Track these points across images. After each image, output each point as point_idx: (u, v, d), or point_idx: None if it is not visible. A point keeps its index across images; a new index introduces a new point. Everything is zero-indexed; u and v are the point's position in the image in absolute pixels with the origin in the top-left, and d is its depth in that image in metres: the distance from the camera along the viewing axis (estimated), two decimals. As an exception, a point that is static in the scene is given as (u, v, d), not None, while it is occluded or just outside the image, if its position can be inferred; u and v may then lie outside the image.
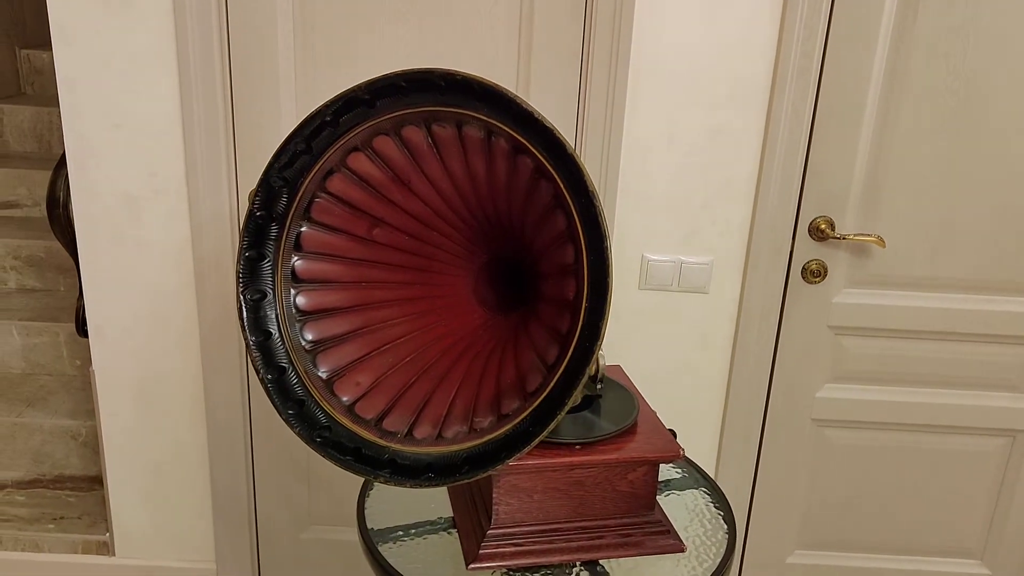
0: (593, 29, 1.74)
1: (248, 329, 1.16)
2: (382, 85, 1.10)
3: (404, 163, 1.17)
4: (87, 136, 1.82)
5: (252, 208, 1.15)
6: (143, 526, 2.14)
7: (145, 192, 1.86)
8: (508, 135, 1.07)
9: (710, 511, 1.41)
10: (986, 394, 2.02)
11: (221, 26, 1.75)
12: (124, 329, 1.97)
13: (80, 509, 2.31)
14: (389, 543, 1.30)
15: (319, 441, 1.13)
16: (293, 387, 1.15)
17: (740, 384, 1.99)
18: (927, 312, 1.94)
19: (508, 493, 1.25)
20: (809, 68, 1.75)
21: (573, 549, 1.27)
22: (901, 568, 2.18)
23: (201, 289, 1.92)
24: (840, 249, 1.90)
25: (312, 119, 1.13)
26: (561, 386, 1.03)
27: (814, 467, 2.09)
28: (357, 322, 1.23)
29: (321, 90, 1.81)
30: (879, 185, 1.85)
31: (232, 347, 1.97)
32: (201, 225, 1.87)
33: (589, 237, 1.01)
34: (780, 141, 1.80)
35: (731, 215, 1.88)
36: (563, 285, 1.09)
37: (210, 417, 2.02)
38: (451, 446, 1.10)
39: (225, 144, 1.82)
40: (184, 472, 2.09)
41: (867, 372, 2.01)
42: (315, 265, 1.21)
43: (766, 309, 1.93)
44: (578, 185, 1.01)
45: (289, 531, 2.16)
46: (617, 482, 1.28)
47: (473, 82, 1.05)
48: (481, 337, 1.27)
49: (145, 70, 1.78)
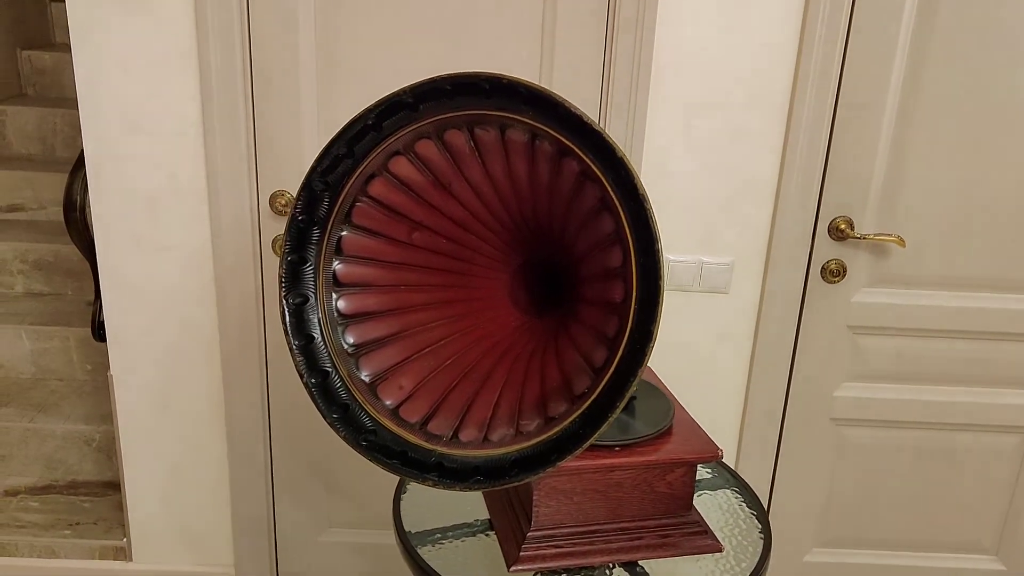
0: (615, 35, 1.74)
1: (291, 333, 1.15)
2: (426, 89, 1.09)
3: (445, 167, 1.17)
4: (105, 138, 1.81)
5: (294, 212, 1.15)
6: (161, 531, 2.13)
7: (164, 195, 1.86)
8: (553, 138, 1.07)
9: (743, 511, 1.42)
10: (1001, 391, 2.03)
11: (243, 26, 1.74)
12: (143, 333, 1.96)
13: (95, 515, 2.30)
14: (428, 546, 1.30)
15: (365, 445, 1.13)
16: (337, 391, 1.15)
17: (760, 383, 2.00)
18: (943, 311, 1.95)
19: (548, 495, 1.25)
20: (830, 69, 1.76)
21: (613, 550, 1.28)
22: (917, 565, 2.19)
23: (221, 292, 1.91)
24: (859, 249, 1.91)
25: (355, 123, 1.13)
26: (611, 388, 1.03)
27: (832, 466, 2.10)
28: (396, 325, 1.23)
29: (341, 92, 1.81)
30: (898, 185, 1.86)
31: (252, 350, 1.96)
32: (221, 228, 1.86)
33: (639, 240, 1.01)
34: (800, 142, 1.81)
35: (751, 216, 1.88)
36: (608, 288, 1.09)
37: (229, 420, 2.02)
38: (498, 449, 1.10)
39: (246, 147, 1.81)
40: (202, 476, 2.09)
41: (884, 371, 2.02)
42: (355, 269, 1.20)
43: (786, 309, 1.94)
44: (628, 188, 1.01)
45: (308, 534, 2.16)
46: (656, 483, 1.28)
47: (520, 85, 1.05)
48: (519, 339, 1.27)
49: (165, 72, 1.77)
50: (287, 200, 1.86)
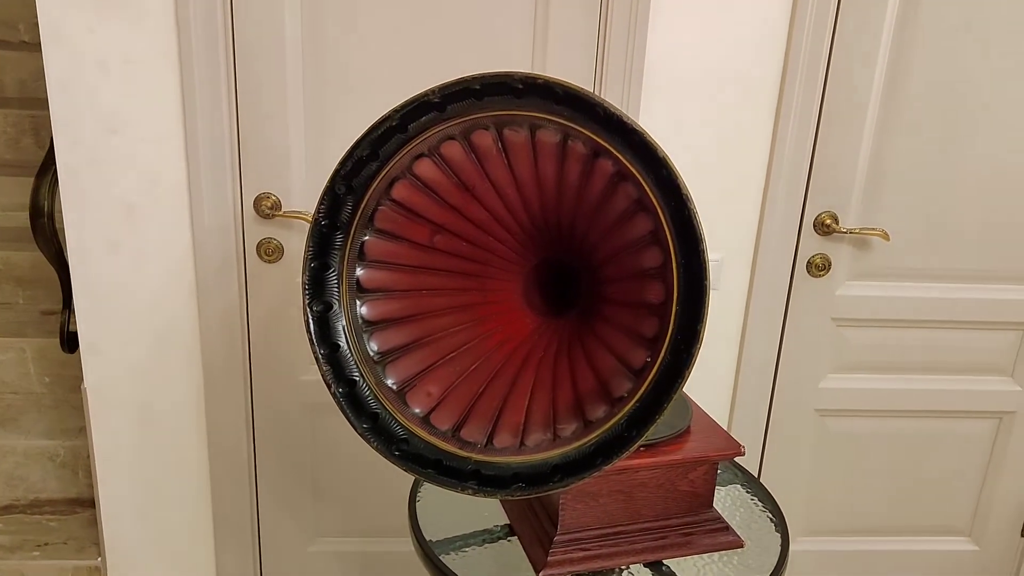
0: (608, 35, 1.74)
1: (316, 342, 1.12)
2: (456, 89, 1.07)
3: (470, 168, 1.14)
4: (80, 141, 1.73)
5: (317, 216, 1.11)
6: (139, 548, 2.05)
7: (144, 200, 1.78)
8: (587, 139, 1.06)
9: (756, 505, 1.43)
10: (976, 379, 2.10)
11: (226, 24, 1.68)
12: (120, 344, 1.88)
13: (65, 534, 2.20)
14: (451, 554, 1.27)
15: (398, 455, 1.10)
16: (366, 400, 1.12)
17: (747, 378, 2.03)
18: (923, 302, 2.01)
19: (575, 498, 1.24)
20: (817, 66, 1.79)
21: (638, 551, 1.28)
22: (896, 549, 2.25)
23: (203, 301, 1.85)
24: (843, 243, 1.95)
25: (379, 124, 1.10)
26: (656, 390, 1.02)
27: (816, 456, 2.14)
28: (419, 331, 1.20)
29: (329, 90, 1.76)
30: (881, 180, 1.90)
31: (236, 358, 1.90)
32: (203, 235, 1.80)
33: (682, 240, 1.01)
34: (789, 138, 1.83)
35: (740, 212, 1.90)
36: (643, 288, 1.08)
37: (211, 432, 1.95)
38: (536, 454, 1.08)
39: (229, 148, 1.75)
40: (183, 489, 2.02)
41: (866, 362, 2.06)
42: (378, 274, 1.17)
43: (773, 303, 1.97)
44: (670, 188, 1.00)
45: (295, 544, 2.10)
46: (678, 482, 1.29)
47: (555, 85, 1.03)
48: (539, 342, 1.26)
49: (144, 72, 1.70)
50: (273, 203, 1.81)
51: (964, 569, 2.28)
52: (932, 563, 2.27)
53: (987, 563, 2.28)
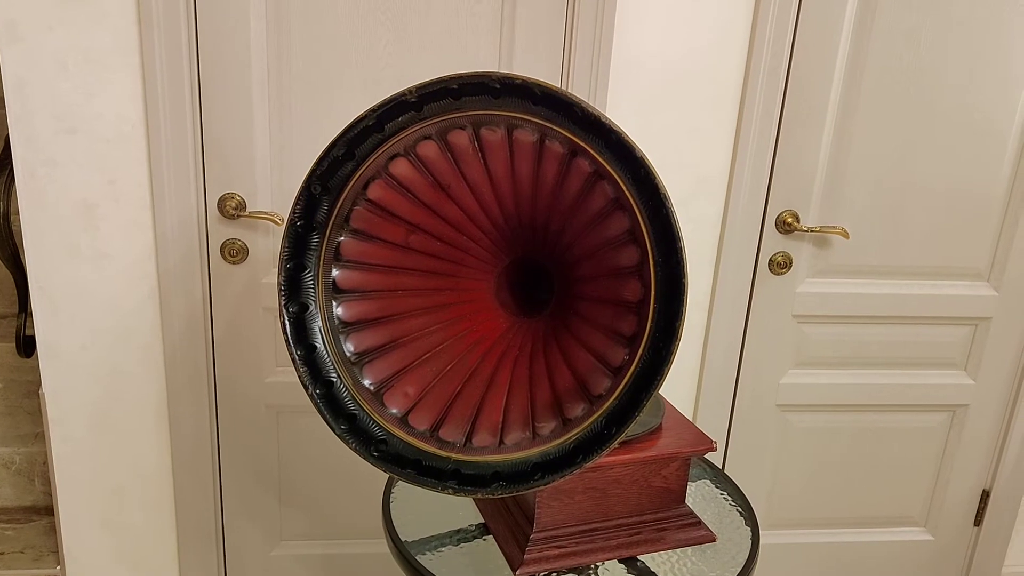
0: (575, 35, 1.75)
1: (293, 343, 1.11)
2: (433, 89, 1.07)
3: (446, 168, 1.15)
4: (38, 141, 1.69)
5: (293, 217, 1.10)
6: (99, 555, 2.01)
7: (103, 201, 1.75)
8: (565, 138, 1.06)
9: (726, 500, 1.45)
10: (929, 373, 2.16)
11: (189, 20, 1.66)
12: (78, 348, 1.84)
13: (21, 542, 2.14)
14: (426, 554, 1.27)
15: (377, 455, 1.10)
16: (344, 401, 1.11)
17: (711, 375, 2.06)
18: (879, 298, 2.06)
19: (551, 496, 1.25)
20: (778, 69, 1.83)
21: (613, 547, 1.29)
22: (854, 540, 2.31)
23: (165, 303, 1.82)
24: (804, 241, 1.99)
25: (356, 124, 1.09)
26: (634, 387, 1.04)
27: (777, 451, 2.18)
28: (395, 332, 1.20)
29: (295, 88, 1.74)
30: (840, 179, 1.95)
31: (199, 362, 1.87)
32: (166, 235, 1.77)
33: (659, 238, 1.02)
34: (751, 139, 1.87)
35: (704, 212, 1.93)
36: (620, 287, 1.10)
37: (174, 436, 1.92)
38: (515, 453, 1.09)
39: (193, 147, 1.73)
40: (145, 495, 1.98)
41: (825, 357, 2.11)
42: (353, 275, 1.17)
43: (736, 301, 2.00)
44: (647, 187, 1.02)
45: (259, 549, 2.08)
46: (652, 478, 1.30)
47: (533, 85, 1.04)
48: (514, 341, 1.26)
49: (104, 69, 1.67)
50: (237, 203, 1.78)
51: (920, 558, 2.35)
52: (889, 553, 2.33)
53: (942, 552, 2.35)
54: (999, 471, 2.26)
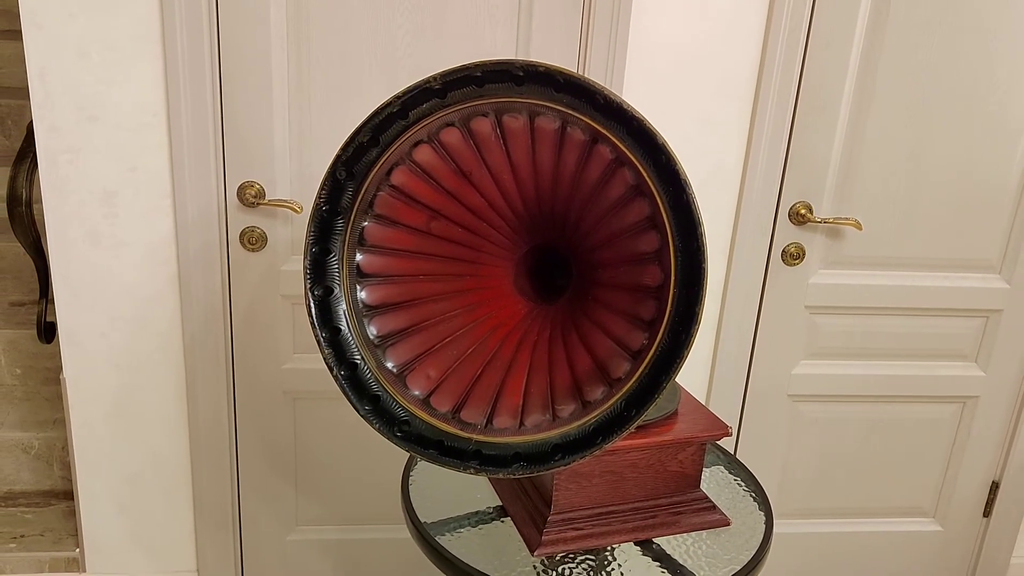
0: (591, 24, 1.77)
1: (318, 325, 1.13)
2: (457, 76, 1.09)
3: (468, 154, 1.16)
4: (60, 128, 1.71)
5: (319, 202, 1.12)
6: (117, 539, 2.04)
7: (124, 188, 1.77)
8: (586, 125, 1.08)
9: (739, 486, 1.47)
10: (940, 364, 2.17)
11: (211, 11, 1.68)
12: (100, 334, 1.86)
13: (41, 526, 2.17)
14: (446, 535, 1.29)
15: (400, 436, 1.12)
16: (368, 383, 1.13)
17: (724, 365, 2.07)
18: (891, 290, 2.07)
19: (569, 479, 1.27)
20: (794, 59, 1.84)
21: (629, 530, 1.31)
22: (864, 531, 2.32)
23: (185, 290, 1.84)
24: (817, 232, 2.00)
25: (380, 110, 1.11)
26: (653, 371, 1.05)
27: (788, 441, 2.20)
28: (417, 316, 1.22)
29: (315, 78, 1.76)
30: (854, 171, 1.96)
31: (217, 349, 1.90)
32: (186, 223, 1.79)
33: (680, 224, 1.04)
34: (765, 130, 1.88)
35: (718, 202, 1.95)
36: (640, 272, 1.11)
37: (192, 422, 1.95)
38: (536, 435, 1.11)
39: (213, 136, 1.75)
40: (163, 480, 2.01)
41: (837, 348, 2.12)
42: (376, 259, 1.19)
43: (748, 292, 2.02)
44: (668, 174, 1.03)
45: (275, 533, 2.10)
46: (668, 462, 1.32)
47: (556, 73, 1.05)
48: (532, 326, 1.28)
49: (126, 57, 1.69)
50: (257, 191, 1.80)
51: (929, 549, 2.36)
52: (898, 544, 2.34)
53: (951, 543, 2.36)
54: (1009, 463, 2.27)
